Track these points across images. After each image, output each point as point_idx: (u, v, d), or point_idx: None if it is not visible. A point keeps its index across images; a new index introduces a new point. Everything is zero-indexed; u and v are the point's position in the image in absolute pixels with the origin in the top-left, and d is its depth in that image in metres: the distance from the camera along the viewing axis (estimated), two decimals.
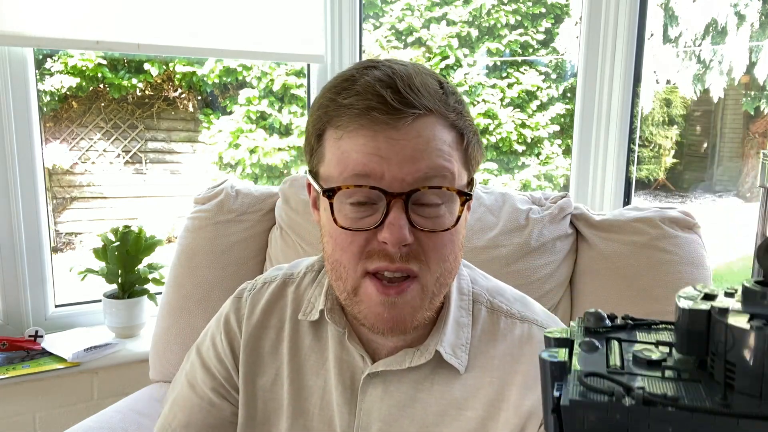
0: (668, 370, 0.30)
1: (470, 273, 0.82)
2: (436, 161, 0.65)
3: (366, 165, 0.64)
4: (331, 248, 0.69)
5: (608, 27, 1.77)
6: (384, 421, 0.74)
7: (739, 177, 7.16)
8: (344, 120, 0.66)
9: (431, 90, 0.67)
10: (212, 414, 0.81)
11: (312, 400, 0.77)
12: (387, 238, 0.64)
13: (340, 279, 0.69)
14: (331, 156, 0.68)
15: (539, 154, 6.45)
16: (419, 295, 0.68)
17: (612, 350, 0.33)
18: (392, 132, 0.64)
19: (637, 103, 1.84)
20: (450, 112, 0.68)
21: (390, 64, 0.67)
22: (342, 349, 0.76)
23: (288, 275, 0.84)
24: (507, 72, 6.46)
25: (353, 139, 0.65)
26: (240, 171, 5.48)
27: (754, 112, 6.95)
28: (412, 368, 0.73)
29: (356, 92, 0.65)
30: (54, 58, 4.83)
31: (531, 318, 0.78)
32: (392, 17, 6.35)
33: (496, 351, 0.75)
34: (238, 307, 0.83)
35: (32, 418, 1.58)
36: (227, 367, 0.81)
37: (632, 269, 1.24)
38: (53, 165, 4.90)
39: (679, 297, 0.32)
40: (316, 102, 0.71)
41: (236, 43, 1.76)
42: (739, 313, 0.30)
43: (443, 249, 0.68)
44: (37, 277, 1.69)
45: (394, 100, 0.63)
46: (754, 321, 0.29)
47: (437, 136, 0.66)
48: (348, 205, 0.67)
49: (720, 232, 5.26)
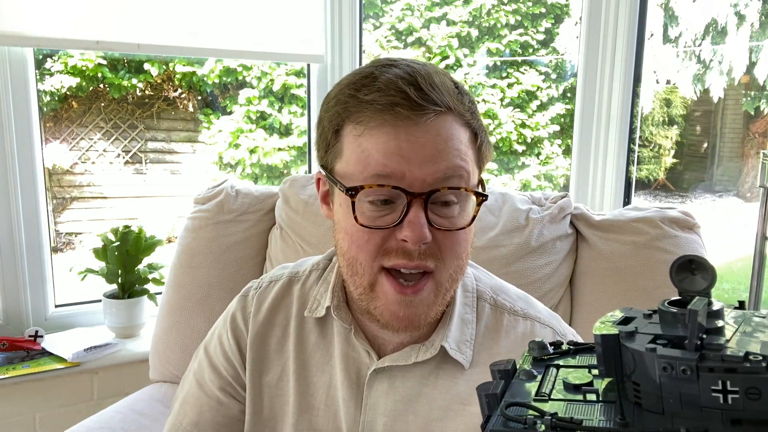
0: (589, 394, 0.32)
1: (474, 272, 0.83)
2: (455, 161, 0.67)
3: (387, 165, 0.65)
4: (347, 245, 0.70)
5: (608, 27, 1.77)
6: (389, 416, 0.75)
7: (739, 177, 7.16)
8: (366, 115, 0.66)
9: (449, 89, 0.68)
10: (221, 412, 0.82)
11: (317, 395, 0.78)
12: (408, 236, 0.65)
13: (357, 275, 0.70)
14: (350, 153, 0.68)
15: (539, 154, 6.45)
16: (434, 291, 0.69)
17: (548, 377, 0.35)
18: (414, 129, 0.65)
19: (637, 103, 1.85)
20: (465, 112, 0.69)
21: (409, 63, 0.69)
22: (348, 346, 0.78)
23: (294, 274, 0.85)
24: (507, 72, 6.46)
25: (375, 136, 0.66)
26: (240, 171, 5.48)
27: (754, 112, 6.95)
28: (418, 363, 0.75)
29: (378, 88, 0.66)
30: (54, 58, 4.83)
31: (533, 315, 0.80)
32: (392, 17, 6.35)
33: (499, 347, 0.77)
34: (244, 306, 0.84)
35: (32, 418, 1.58)
36: (234, 365, 0.82)
37: (632, 269, 1.24)
38: (53, 165, 4.90)
39: (598, 322, 0.34)
40: (333, 98, 0.71)
41: (236, 43, 1.76)
42: (645, 335, 0.31)
43: (458, 247, 0.69)
44: (37, 277, 1.69)
45: (417, 96, 0.65)
46: (653, 343, 0.30)
47: (455, 135, 0.68)
48: (367, 203, 0.68)
49: (720, 232, 5.26)
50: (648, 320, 0.33)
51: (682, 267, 0.33)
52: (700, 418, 0.28)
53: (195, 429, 0.81)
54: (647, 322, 0.33)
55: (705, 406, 0.28)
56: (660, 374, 0.29)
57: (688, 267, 0.33)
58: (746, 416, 0.28)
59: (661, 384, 0.29)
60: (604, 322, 0.33)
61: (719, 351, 0.28)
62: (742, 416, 0.28)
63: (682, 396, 0.29)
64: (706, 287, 0.32)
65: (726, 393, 0.28)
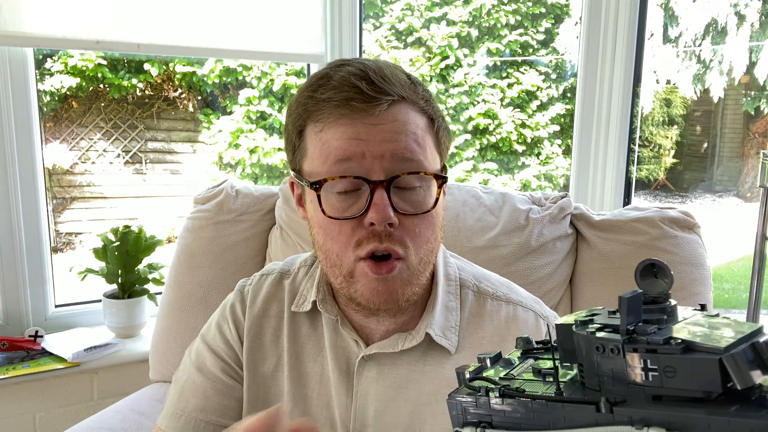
0: (548, 377, 0.37)
1: (457, 261, 0.86)
2: (411, 144, 0.71)
3: (347, 150, 0.69)
4: (322, 238, 0.73)
5: (608, 27, 1.77)
6: (380, 402, 0.77)
7: (739, 177, 7.16)
8: (324, 113, 0.71)
9: (401, 80, 0.72)
10: (226, 394, 0.83)
11: (311, 385, 0.81)
12: (374, 217, 0.69)
13: (335, 266, 0.73)
14: (313, 149, 0.73)
15: (539, 154, 6.46)
16: (406, 272, 0.72)
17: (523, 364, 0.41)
18: (370, 118, 0.69)
19: (637, 103, 1.85)
20: (419, 99, 0.73)
21: (360, 60, 0.73)
22: (337, 336, 0.80)
23: (284, 270, 0.88)
24: (507, 72, 6.46)
25: (334, 128, 0.70)
26: (240, 171, 5.48)
27: (754, 112, 6.96)
28: (405, 351, 0.77)
29: (333, 87, 0.70)
30: (54, 58, 4.83)
31: (516, 300, 0.83)
32: (392, 17, 6.35)
33: (484, 332, 0.80)
34: (241, 298, 0.87)
35: (32, 418, 1.58)
36: (235, 351, 0.84)
37: (632, 269, 1.23)
38: (53, 165, 4.90)
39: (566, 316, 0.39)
40: (294, 102, 0.75)
41: (236, 43, 1.76)
42: (597, 324, 0.35)
43: (426, 231, 0.73)
44: (37, 277, 1.69)
45: (369, 89, 0.69)
46: (599, 331, 0.34)
47: (411, 120, 0.71)
48: (334, 194, 0.71)
49: (720, 232, 5.26)
50: (611, 316, 0.37)
51: (646, 270, 0.37)
52: (628, 394, 0.33)
53: (201, 414, 0.81)
54: (608, 318, 0.37)
55: (631, 383, 0.33)
56: (595, 354, 0.34)
57: (650, 270, 0.37)
58: (665, 393, 0.32)
59: (597, 363, 0.34)
60: (568, 316, 0.38)
61: (646, 335, 0.32)
62: (661, 393, 0.32)
63: (613, 373, 0.33)
64: (665, 289, 0.36)
65: (647, 371, 0.32)
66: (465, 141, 6.24)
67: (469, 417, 0.38)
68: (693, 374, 0.31)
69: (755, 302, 1.38)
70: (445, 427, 0.75)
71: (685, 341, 0.31)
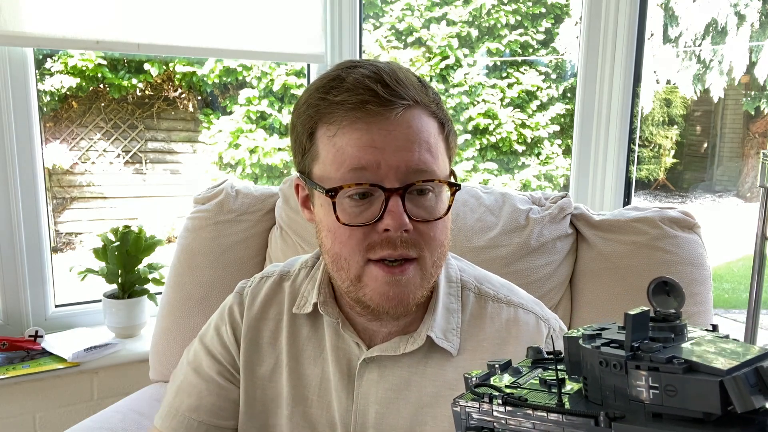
0: (553, 388, 0.38)
1: (458, 263, 0.86)
2: (426, 155, 0.70)
3: (362, 158, 0.68)
4: (330, 242, 0.73)
5: (608, 27, 1.77)
6: (381, 404, 0.77)
7: (739, 177, 7.16)
8: (338, 116, 0.69)
9: (414, 83, 0.72)
10: (221, 396, 0.83)
11: (311, 387, 0.81)
12: (389, 224, 0.68)
13: (342, 270, 0.73)
14: (326, 154, 0.71)
15: (539, 154, 6.45)
16: (419, 274, 0.72)
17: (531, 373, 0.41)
18: (385, 123, 0.69)
19: (637, 103, 1.85)
20: (431, 103, 0.73)
21: (372, 62, 0.72)
22: (338, 338, 0.80)
23: (285, 272, 0.88)
24: (507, 72, 6.46)
25: (348, 134, 0.69)
26: (240, 171, 5.48)
27: (754, 112, 6.96)
28: (406, 354, 0.77)
29: (347, 89, 0.69)
30: (54, 58, 4.83)
31: (516, 302, 0.82)
32: (392, 17, 6.35)
33: (485, 334, 0.79)
34: (240, 301, 0.87)
35: (32, 418, 1.58)
36: (232, 354, 0.84)
37: (632, 269, 1.24)
38: (53, 165, 4.90)
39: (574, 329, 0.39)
40: (303, 103, 0.74)
41: (236, 43, 1.76)
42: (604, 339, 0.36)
43: (439, 235, 0.73)
44: (37, 277, 1.69)
45: (385, 92, 0.68)
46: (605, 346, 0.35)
47: (424, 127, 0.71)
48: (347, 200, 0.70)
49: (720, 232, 5.26)
50: (619, 332, 0.37)
51: (658, 287, 0.37)
52: (628, 410, 0.33)
53: (194, 414, 0.82)
54: (616, 333, 0.37)
55: (632, 399, 0.33)
56: (598, 368, 0.34)
57: (663, 288, 0.37)
58: (665, 411, 0.32)
59: (600, 378, 0.34)
60: (578, 329, 0.38)
61: (650, 353, 0.33)
62: (661, 411, 0.32)
63: (615, 388, 0.34)
64: (676, 307, 0.36)
65: (649, 389, 0.32)
66: (465, 141, 6.24)
67: (472, 422, 0.39)
68: (694, 395, 0.31)
69: (755, 302, 1.38)
70: (445, 429, 0.76)
71: (688, 361, 0.32)
